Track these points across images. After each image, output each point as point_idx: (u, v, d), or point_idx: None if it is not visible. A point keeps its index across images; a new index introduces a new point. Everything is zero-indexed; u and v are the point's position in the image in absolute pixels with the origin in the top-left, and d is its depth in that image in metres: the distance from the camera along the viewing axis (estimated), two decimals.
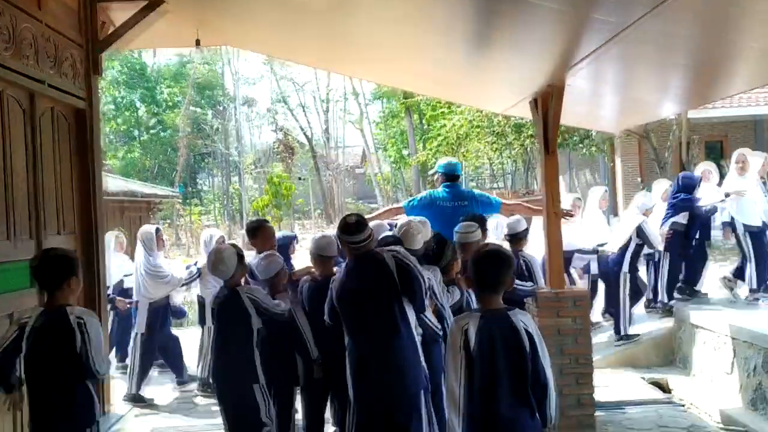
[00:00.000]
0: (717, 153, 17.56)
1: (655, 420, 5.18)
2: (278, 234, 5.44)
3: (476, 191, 6.65)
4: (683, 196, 7.32)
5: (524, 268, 5.63)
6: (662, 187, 8.01)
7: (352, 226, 3.82)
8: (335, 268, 4.38)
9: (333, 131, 36.61)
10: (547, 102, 5.19)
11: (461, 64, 5.42)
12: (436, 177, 6.29)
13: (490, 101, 6.41)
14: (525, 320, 2.78)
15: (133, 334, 6.34)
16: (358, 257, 3.82)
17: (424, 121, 27.69)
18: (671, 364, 6.88)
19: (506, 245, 5.81)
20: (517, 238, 5.78)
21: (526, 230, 5.86)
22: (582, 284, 7.23)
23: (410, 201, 6.21)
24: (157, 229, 6.71)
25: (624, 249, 7.11)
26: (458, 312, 4.25)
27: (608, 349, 6.97)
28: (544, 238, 5.35)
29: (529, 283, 5.33)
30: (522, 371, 2.70)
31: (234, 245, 4.28)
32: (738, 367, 5.75)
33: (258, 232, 4.92)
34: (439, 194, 5.99)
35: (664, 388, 6.44)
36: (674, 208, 7.35)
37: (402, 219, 5.35)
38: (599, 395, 5.20)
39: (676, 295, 7.36)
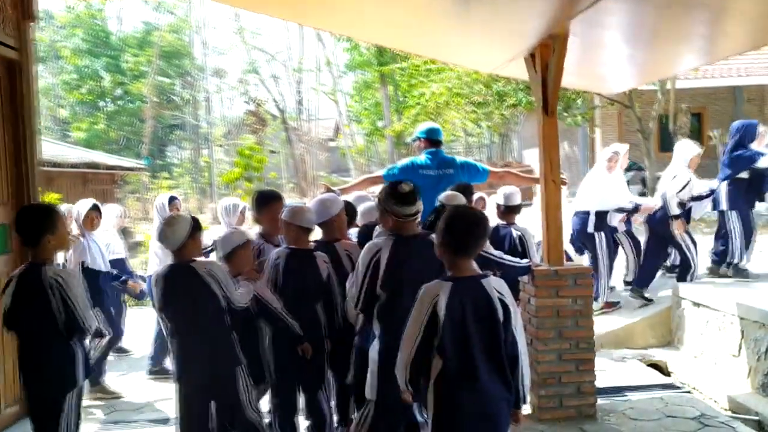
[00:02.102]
0: (696, 124, 17.28)
1: (661, 408, 4.71)
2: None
3: (461, 158, 6.08)
4: (747, 150, 6.65)
5: (517, 242, 5.14)
6: (687, 150, 6.90)
7: (410, 195, 3.32)
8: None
9: (306, 103, 35.72)
10: (548, 56, 4.60)
11: (446, 13, 4.80)
12: (416, 143, 5.71)
13: (480, 58, 5.81)
14: (499, 288, 2.67)
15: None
16: (408, 235, 3.37)
17: (399, 93, 27.00)
18: (669, 344, 6.44)
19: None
20: (511, 210, 5.25)
21: (521, 204, 5.34)
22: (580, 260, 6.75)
23: (390, 169, 5.63)
24: (172, 198, 6.07)
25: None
26: None
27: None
28: (541, 208, 4.81)
29: (525, 260, 4.80)
30: (495, 341, 2.61)
31: (193, 217, 3.66)
32: (747, 348, 5.32)
33: (265, 206, 4.25)
34: (422, 162, 5.42)
35: (663, 370, 6.00)
36: (737, 162, 6.66)
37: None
38: (597, 380, 4.72)
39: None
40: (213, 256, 4.76)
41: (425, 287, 2.70)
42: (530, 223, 5.49)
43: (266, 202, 4.26)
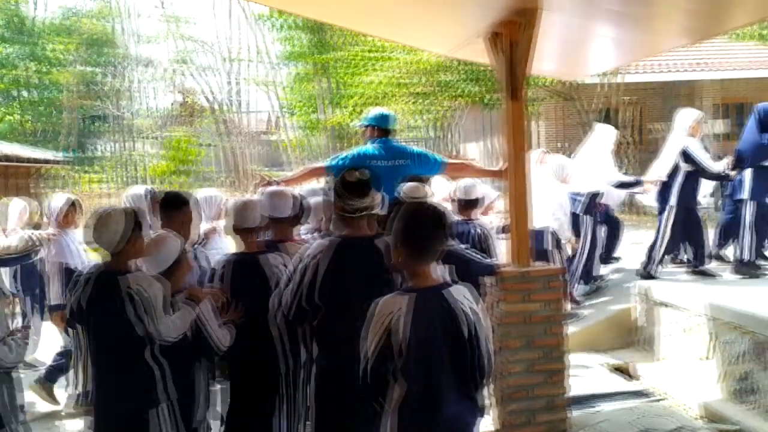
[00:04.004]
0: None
1: (637, 420, 4.35)
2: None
3: (415, 148, 5.56)
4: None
5: (477, 240, 4.67)
6: (686, 117, 6.34)
7: (359, 185, 2.80)
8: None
9: (239, 94, 34.59)
10: (515, 34, 4.12)
11: None
12: (363, 131, 5.18)
13: (436, 38, 5.29)
14: (467, 296, 2.32)
15: None
16: (356, 236, 2.83)
17: (336, 85, 26.33)
18: (632, 346, 6.11)
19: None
20: (470, 204, 4.77)
21: (482, 198, 4.88)
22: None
23: (336, 159, 5.06)
24: (150, 191, 5.22)
25: (671, 178, 6.23)
26: None
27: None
28: (508, 202, 4.34)
29: (488, 259, 4.32)
30: (464, 361, 2.27)
31: (135, 210, 2.98)
32: (718, 351, 5.00)
33: (177, 209, 3.49)
34: (372, 151, 4.88)
35: (628, 373, 5.66)
36: (760, 151, 6.08)
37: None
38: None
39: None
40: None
41: (380, 301, 2.29)
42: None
43: (177, 205, 3.54)
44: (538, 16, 3.93)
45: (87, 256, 4.93)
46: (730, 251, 6.66)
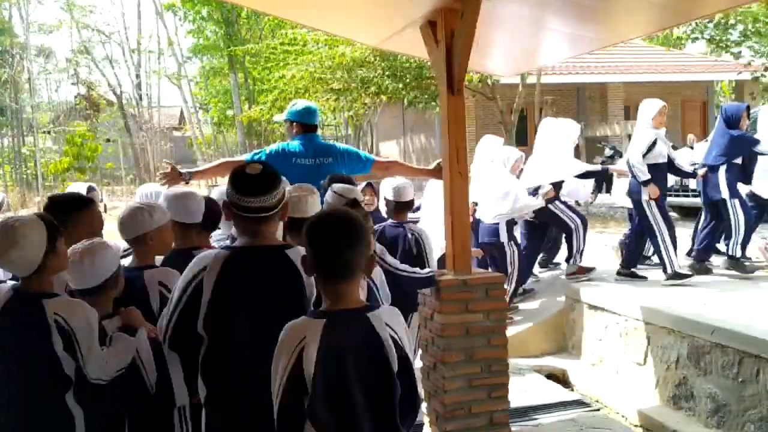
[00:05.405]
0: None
1: None
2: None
3: (341, 145, 5.17)
4: (739, 132, 6.02)
5: (412, 245, 4.34)
6: (649, 107, 6.11)
7: (257, 181, 2.22)
8: None
9: (146, 88, 33.09)
10: (454, 23, 3.81)
11: None
12: (286, 126, 4.75)
13: (365, 27, 4.92)
14: (391, 322, 1.91)
15: None
16: (256, 246, 2.26)
17: (250, 80, 25.59)
18: (563, 351, 5.96)
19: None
20: (403, 206, 4.44)
21: (413, 200, 4.55)
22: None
23: (256, 154, 4.61)
24: (90, 188, 4.70)
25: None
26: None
27: None
28: (445, 204, 4.02)
29: (426, 269, 3.99)
30: (388, 401, 1.86)
31: (44, 217, 2.38)
32: (654, 357, 4.89)
33: (81, 210, 2.89)
34: (295, 148, 4.46)
35: (561, 380, 5.49)
36: (735, 143, 5.99)
37: None
38: None
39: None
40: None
41: (289, 327, 1.89)
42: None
43: (79, 207, 2.91)
44: (479, 2, 3.63)
45: None
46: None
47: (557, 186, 6.43)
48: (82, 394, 2.29)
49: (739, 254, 6.02)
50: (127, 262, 2.86)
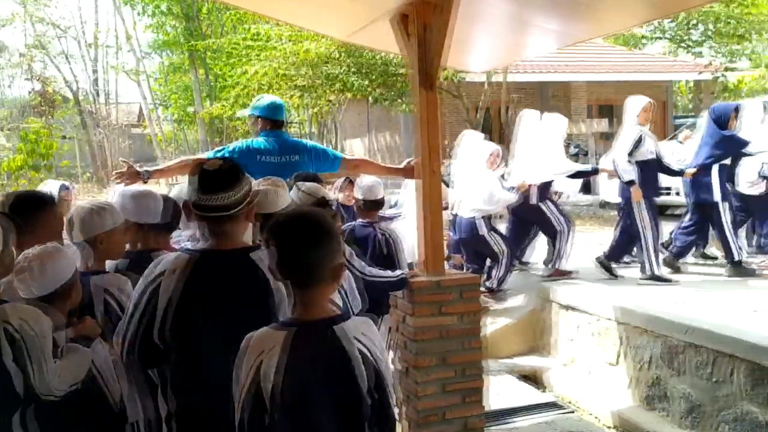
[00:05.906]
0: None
1: None
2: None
3: (309, 142, 5.01)
4: (730, 132, 5.96)
5: (383, 245, 4.21)
6: (635, 103, 6.02)
7: (218, 176, 2.04)
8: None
9: (103, 84, 32.30)
10: (428, 17, 3.68)
11: None
12: (251, 122, 4.57)
13: (333, 19, 4.74)
14: (363, 334, 1.76)
15: None
16: (221, 250, 2.09)
17: (212, 77, 25.10)
18: (535, 351, 5.88)
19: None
20: (372, 205, 4.29)
21: (383, 198, 4.41)
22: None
23: (219, 152, 4.41)
24: (63, 186, 4.48)
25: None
26: None
27: None
28: (418, 203, 3.89)
29: (397, 272, 3.85)
30: (357, 422, 1.71)
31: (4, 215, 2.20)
32: (627, 357, 4.84)
33: (42, 210, 2.66)
34: (261, 145, 4.28)
35: (534, 380, 5.42)
36: (725, 144, 5.96)
37: None
38: None
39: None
40: None
41: (253, 337, 1.75)
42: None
43: (41, 206, 2.70)
44: None
45: None
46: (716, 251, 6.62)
47: (547, 185, 6.38)
48: (31, 414, 2.09)
49: (737, 257, 5.98)
50: None
